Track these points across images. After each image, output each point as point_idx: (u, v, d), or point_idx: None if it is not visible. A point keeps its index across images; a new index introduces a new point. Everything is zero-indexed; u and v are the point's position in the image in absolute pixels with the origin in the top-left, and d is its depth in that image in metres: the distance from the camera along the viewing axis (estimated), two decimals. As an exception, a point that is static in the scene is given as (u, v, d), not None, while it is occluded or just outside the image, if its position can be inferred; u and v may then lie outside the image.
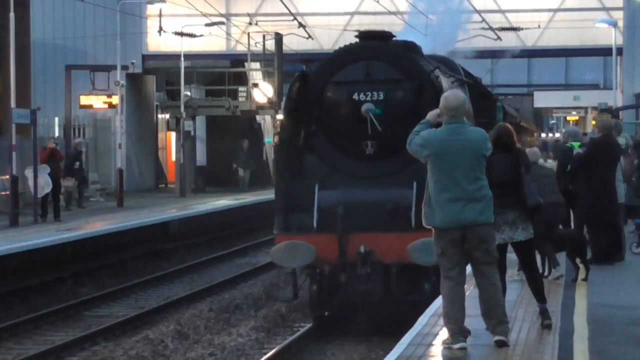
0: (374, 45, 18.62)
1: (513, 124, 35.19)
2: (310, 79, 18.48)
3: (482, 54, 50.51)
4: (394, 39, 19.21)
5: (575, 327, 12.11)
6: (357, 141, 17.86)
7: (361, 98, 17.65)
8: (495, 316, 11.11)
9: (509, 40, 50.55)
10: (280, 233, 17.68)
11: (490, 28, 48.03)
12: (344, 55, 18.67)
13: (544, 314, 12.28)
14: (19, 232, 28.60)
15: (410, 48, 19.00)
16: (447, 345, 10.88)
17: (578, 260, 15.64)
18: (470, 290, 11.29)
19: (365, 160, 17.94)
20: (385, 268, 17.20)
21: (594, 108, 47.95)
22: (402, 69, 18.12)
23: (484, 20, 48.71)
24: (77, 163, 36.61)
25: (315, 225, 17.40)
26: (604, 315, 12.94)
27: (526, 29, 51.37)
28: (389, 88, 17.87)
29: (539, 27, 53.11)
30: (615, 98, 50.38)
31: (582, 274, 15.59)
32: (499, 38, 48.82)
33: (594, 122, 30.48)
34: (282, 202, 18.08)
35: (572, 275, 15.80)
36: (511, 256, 12.34)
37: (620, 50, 51.78)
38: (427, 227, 11.07)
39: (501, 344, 11.05)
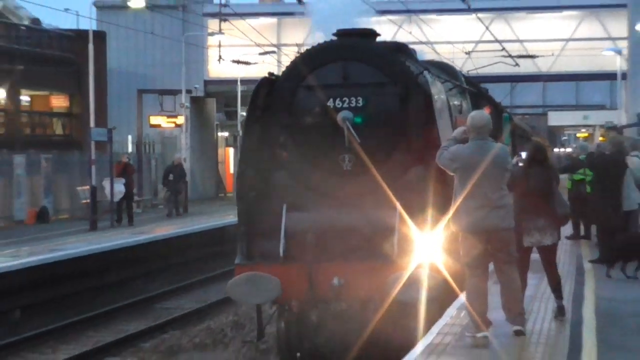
0: (353, 44, 13.73)
1: (525, 138, 35.09)
2: (279, 83, 13.87)
3: (503, 79, 50.56)
4: (378, 38, 14.48)
5: (585, 319, 12.04)
6: (333, 155, 13.14)
7: (337, 105, 13.05)
8: (514, 308, 11.14)
9: (527, 67, 50.42)
10: (240, 263, 13.21)
11: (510, 55, 47.80)
12: (318, 54, 13.72)
13: (560, 309, 12.33)
14: (97, 236, 28.80)
15: (398, 49, 14.69)
16: (471, 334, 10.91)
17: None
18: (491, 285, 11.27)
19: (342, 177, 13.11)
20: (363, 304, 12.59)
21: (601, 126, 47.66)
22: (385, 71, 13.42)
23: (504, 48, 48.54)
24: (171, 175, 36.84)
25: (281, 253, 12.82)
26: (611, 308, 12.88)
27: (541, 56, 51.20)
28: (370, 93, 13.24)
29: (552, 54, 53.16)
30: (620, 117, 50.29)
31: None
32: (517, 64, 48.55)
33: (601, 138, 30.36)
34: (244, 226, 13.50)
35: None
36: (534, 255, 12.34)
37: (624, 75, 51.81)
38: (455, 230, 11.07)
39: (519, 333, 11.04)
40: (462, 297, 12.26)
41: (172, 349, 17.61)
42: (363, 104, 13.07)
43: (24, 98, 45.56)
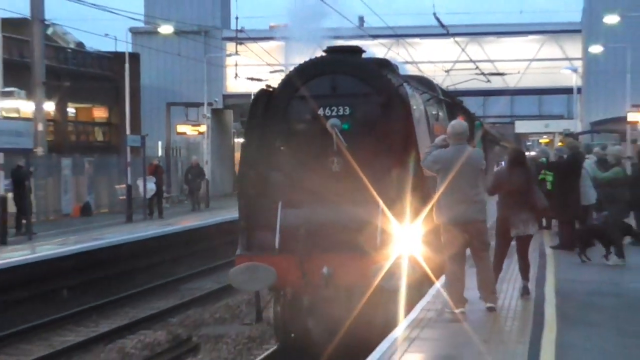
0: (341, 59, 13.37)
1: (494, 142, 34.97)
2: (275, 94, 13.44)
3: (476, 93, 50.64)
4: (364, 54, 14.01)
5: (546, 297, 12.07)
6: (323, 158, 12.74)
7: (327, 113, 12.70)
8: (487, 288, 11.15)
9: (497, 83, 50.46)
10: (240, 254, 12.75)
11: (482, 73, 47.87)
12: (310, 68, 13.35)
13: (525, 288, 12.34)
14: (132, 227, 28.86)
15: (382, 64, 14.18)
16: (449, 310, 10.92)
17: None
18: (467, 269, 11.27)
19: (331, 178, 12.69)
20: (350, 290, 12.28)
21: (559, 133, 47.65)
22: (369, 83, 13.01)
23: (477, 67, 48.59)
24: (190, 174, 36.85)
25: (277, 245, 12.44)
26: (568, 287, 12.88)
27: (509, 74, 51.26)
28: (355, 102, 12.86)
29: (518, 72, 53.17)
30: (576, 126, 50.37)
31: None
32: (488, 81, 48.65)
33: (560, 144, 30.27)
34: (245, 220, 13.03)
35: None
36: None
37: (579, 90, 51.86)
38: (438, 222, 11.04)
39: (491, 310, 11.07)
40: (439, 283, 12.28)
41: (196, 323, 17.64)
42: (350, 113, 12.73)
43: (70, 110, 45.52)
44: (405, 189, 12.17)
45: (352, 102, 12.75)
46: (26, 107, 34.36)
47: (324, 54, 13.68)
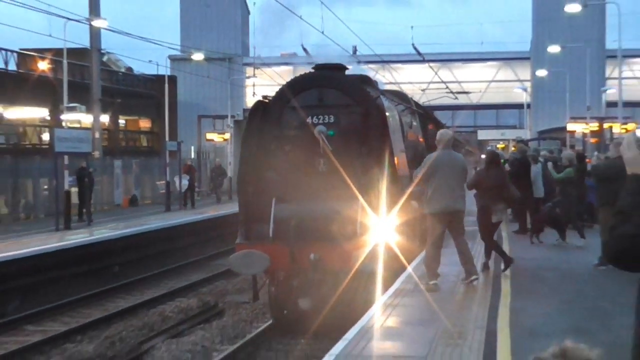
0: (327, 75, 12.75)
1: (460, 147, 34.85)
2: (270, 104, 12.82)
3: (446, 108, 50.74)
4: (347, 71, 13.43)
5: (499, 279, 11.93)
6: (311, 159, 12.21)
7: (314, 121, 12.18)
8: (467, 264, 11.19)
9: (463, 99, 50.53)
10: (239, 242, 12.20)
11: (451, 92, 47.94)
12: (300, 82, 12.81)
13: (486, 265, 12.40)
14: (170, 215, 28.83)
15: (362, 79, 13.61)
16: (425, 282, 10.93)
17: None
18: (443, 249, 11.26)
19: (318, 177, 12.15)
20: (333, 273, 11.67)
21: (513, 140, 47.77)
22: (351, 95, 12.41)
23: (447, 87, 48.64)
24: (213, 173, 36.94)
25: (271, 235, 11.90)
26: (520, 263, 12.87)
27: (473, 92, 51.44)
28: (339, 112, 12.29)
29: (480, 91, 53.27)
30: (526, 134, 50.53)
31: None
32: (456, 98, 48.71)
33: (513, 148, 30.32)
34: (244, 214, 12.51)
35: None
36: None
37: (529, 105, 52.15)
38: (428, 213, 11.01)
39: (475, 279, 11.16)
40: (411, 266, 12.18)
41: (222, 292, 17.64)
42: (334, 121, 12.21)
43: (121, 121, 45.65)
44: (381, 187, 11.85)
45: (336, 112, 12.28)
46: (86, 119, 34.38)
47: (312, 70, 13.18)
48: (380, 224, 11.61)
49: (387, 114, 12.39)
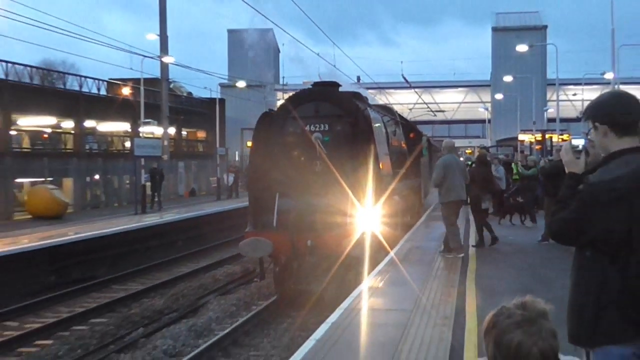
0: (322, 90, 11.99)
1: (437, 151, 34.32)
2: (274, 115, 12.05)
3: (428, 122, 50.61)
4: (340, 87, 12.51)
5: (470, 253, 11.71)
6: (309, 161, 11.45)
7: (312, 129, 11.43)
8: (456, 243, 11.13)
9: (440, 116, 50.37)
10: (248, 231, 11.55)
11: (431, 110, 47.76)
12: (300, 96, 12.05)
13: (494, 237, 12.34)
14: (220, 203, 28.71)
15: (353, 95, 12.71)
16: (448, 254, 10.85)
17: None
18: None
19: (314, 176, 11.36)
20: (327, 257, 10.82)
21: (477, 147, 47.65)
22: (342, 107, 11.65)
23: (428, 107, 48.45)
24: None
25: (275, 224, 11.24)
26: (485, 241, 12.77)
27: (447, 111, 51.33)
28: (332, 121, 11.55)
29: (453, 110, 53.08)
30: (487, 142, 50.37)
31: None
32: (435, 115, 48.57)
33: (478, 152, 30.38)
34: (252, 207, 11.80)
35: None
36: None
37: (489, 120, 51.80)
38: (446, 202, 10.85)
39: (459, 253, 10.97)
40: (393, 251, 11.54)
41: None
42: (328, 129, 11.48)
43: (183, 132, 45.61)
44: (367, 184, 11.17)
45: (330, 122, 11.57)
46: (157, 131, 34.45)
47: (311, 86, 12.43)
48: (367, 215, 11.03)
49: (373, 123, 11.72)
